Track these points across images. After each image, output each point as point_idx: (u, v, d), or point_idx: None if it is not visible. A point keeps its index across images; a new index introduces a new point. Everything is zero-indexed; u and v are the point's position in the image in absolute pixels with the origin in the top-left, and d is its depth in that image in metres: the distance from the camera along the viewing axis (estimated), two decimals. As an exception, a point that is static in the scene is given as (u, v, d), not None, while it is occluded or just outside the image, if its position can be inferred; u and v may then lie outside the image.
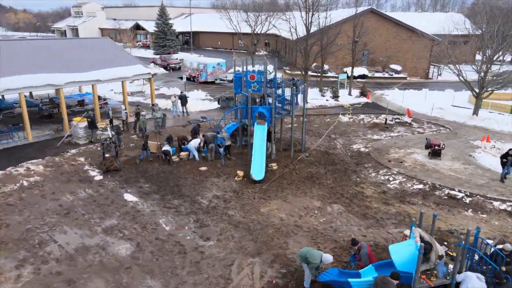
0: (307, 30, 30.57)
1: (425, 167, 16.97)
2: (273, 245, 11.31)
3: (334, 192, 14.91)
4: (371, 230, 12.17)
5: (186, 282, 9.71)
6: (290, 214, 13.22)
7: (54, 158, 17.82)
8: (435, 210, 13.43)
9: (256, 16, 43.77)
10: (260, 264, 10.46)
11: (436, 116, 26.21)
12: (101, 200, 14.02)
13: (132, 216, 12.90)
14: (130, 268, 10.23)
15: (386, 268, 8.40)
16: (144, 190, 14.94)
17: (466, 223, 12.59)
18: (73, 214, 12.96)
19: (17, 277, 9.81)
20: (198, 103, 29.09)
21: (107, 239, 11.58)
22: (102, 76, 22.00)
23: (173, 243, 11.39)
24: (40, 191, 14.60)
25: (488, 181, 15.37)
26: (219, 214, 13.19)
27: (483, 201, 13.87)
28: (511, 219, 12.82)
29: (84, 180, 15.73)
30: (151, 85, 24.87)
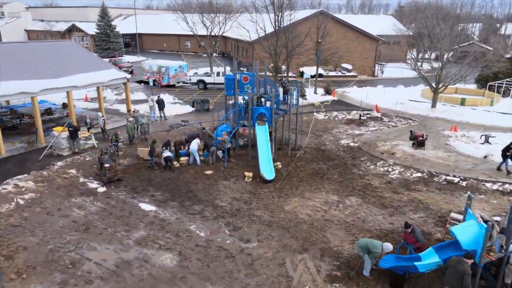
0: (276, 31, 31.15)
1: (415, 156, 18.45)
2: (314, 240, 11.65)
3: (344, 185, 15.64)
4: (395, 218, 13.04)
5: (249, 285, 9.67)
6: (315, 210, 13.64)
7: (42, 173, 16.35)
8: (439, 195, 14.75)
9: (212, 18, 43.60)
10: (310, 259, 10.74)
11: (401, 110, 28.38)
12: (117, 212, 13.25)
13: (159, 226, 12.40)
14: (185, 278, 9.91)
15: (445, 249, 9.18)
16: (158, 198, 14.39)
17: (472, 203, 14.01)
18: (93, 229, 12.11)
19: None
20: (170, 107, 28.28)
21: (144, 251, 11.04)
22: (78, 81, 20.56)
23: (216, 248, 11.20)
24: (43, 209, 13.38)
25: (473, 166, 17.20)
26: (246, 215, 13.19)
27: (477, 184, 15.52)
28: (505, 197, 14.53)
29: (87, 193, 14.70)
30: (127, 90, 23.75)
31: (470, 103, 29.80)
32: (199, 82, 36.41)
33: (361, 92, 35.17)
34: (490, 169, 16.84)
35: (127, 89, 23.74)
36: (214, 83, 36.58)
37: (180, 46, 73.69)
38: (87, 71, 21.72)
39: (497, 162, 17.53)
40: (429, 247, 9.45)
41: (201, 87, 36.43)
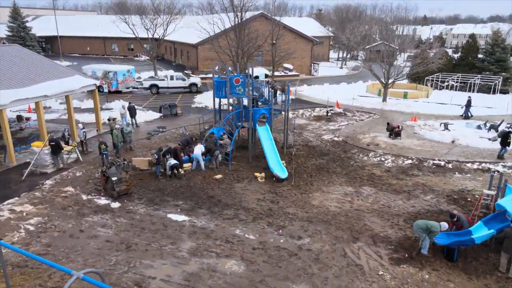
0: (238, 33, 31.23)
1: (397, 146, 20.31)
2: (358, 230, 12.35)
3: (352, 177, 16.66)
4: (413, 201, 14.38)
5: (328, 278, 9.99)
6: (340, 202, 14.38)
7: (34, 194, 14.51)
8: (435, 177, 16.59)
9: (152, 19, 41.98)
10: (366, 246, 11.42)
11: (357, 105, 30.68)
12: (149, 226, 12.45)
13: (203, 235, 11.99)
14: (264, 280, 9.85)
15: (492, 221, 10.56)
16: (183, 207, 13.82)
17: (464, 182, 16.06)
18: (136, 247, 11.27)
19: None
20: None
21: (204, 261, 10.65)
22: (48, 90, 18.46)
23: (274, 249, 11.27)
24: (62, 232, 11.99)
25: (448, 150, 19.56)
26: (281, 214, 13.40)
27: (459, 165, 17.75)
28: (487, 173, 16.87)
29: (101, 210, 13.50)
30: (96, 97, 21.97)
31: (411, 96, 33.40)
32: (152, 86, 34.90)
33: (313, 90, 37.11)
34: (463, 152, 19.34)
35: (96, 97, 21.94)
36: (168, 87, 35.40)
37: (106, 49, 69.19)
38: (52, 78, 19.62)
39: (463, 145, 20.20)
40: (478, 221, 10.79)
41: (154, 91, 34.97)
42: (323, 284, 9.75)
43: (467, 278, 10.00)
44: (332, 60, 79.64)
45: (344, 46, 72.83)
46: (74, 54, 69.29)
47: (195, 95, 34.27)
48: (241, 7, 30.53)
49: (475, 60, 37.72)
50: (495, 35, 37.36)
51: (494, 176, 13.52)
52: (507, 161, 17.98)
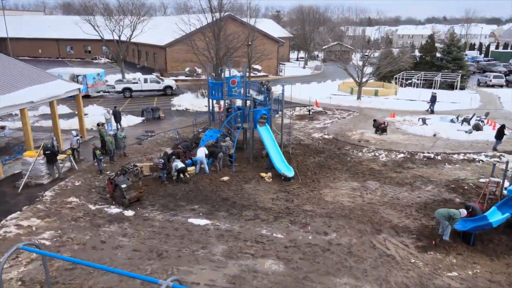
0: (216, 34, 30.92)
1: (386, 141, 21.32)
2: (378, 222, 12.90)
3: (354, 172, 17.30)
4: (418, 192, 15.24)
5: (366, 269, 10.37)
6: (351, 196, 14.90)
7: (36, 207, 13.57)
8: (429, 169, 17.66)
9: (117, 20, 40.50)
10: (390, 237, 11.98)
11: (335, 103, 31.68)
12: (173, 232, 12.15)
13: (232, 237, 11.93)
14: (308, 277, 10.01)
15: (505, 206, 11.52)
16: (200, 211, 13.63)
17: (455, 172, 17.26)
18: (167, 254, 10.96)
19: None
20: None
21: (241, 262, 10.61)
22: (33, 96, 17.30)
23: (306, 246, 11.48)
24: (82, 245, 11.38)
25: (433, 143, 20.87)
26: (299, 212, 13.65)
27: (447, 156, 19.02)
28: (473, 163, 18.25)
29: (116, 219, 12.95)
30: (79, 103, 20.89)
31: (382, 93, 35.09)
32: (125, 90, 33.67)
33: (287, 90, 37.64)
34: (446, 144, 20.74)
35: (80, 102, 20.86)
36: (142, 90, 34.35)
37: (60, 51, 65.54)
38: (34, 83, 18.41)
39: (445, 138, 21.68)
40: (492, 207, 11.74)
41: (128, 95, 33.76)
42: (364, 276, 10.13)
43: (489, 259, 10.85)
44: (292, 61, 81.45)
45: (305, 47, 75.03)
46: (24, 57, 64.80)
47: (172, 97, 33.57)
48: (219, 8, 30.32)
49: (434, 59, 40.39)
50: (451, 36, 40.35)
51: (494, 165, 14.63)
52: (488, 151, 19.55)
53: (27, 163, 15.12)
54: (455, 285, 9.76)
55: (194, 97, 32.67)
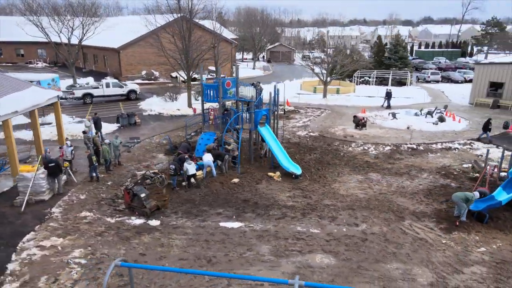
0: (188, 35, 30.13)
1: (368, 135, 22.68)
2: (397, 209, 13.83)
3: (353, 166, 18.23)
4: (417, 180, 16.53)
5: (409, 253, 11.15)
6: (361, 189, 15.75)
7: (50, 225, 12.45)
8: (417, 158, 19.22)
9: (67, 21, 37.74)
10: (415, 222, 12.94)
11: (304, 102, 32.78)
12: (210, 237, 11.94)
13: (271, 237, 12.04)
14: (361, 266, 10.53)
15: (508, 186, 13.06)
16: (226, 214, 13.52)
17: (439, 160, 18.98)
18: (218, 260, 10.80)
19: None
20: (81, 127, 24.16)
21: (293, 260, 10.80)
22: (17, 105, 15.71)
23: (345, 238, 11.99)
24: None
25: (410, 135, 22.64)
26: (322, 207, 14.14)
27: (427, 146, 20.80)
28: (451, 151, 20.19)
29: (144, 230, 12.37)
30: (58, 111, 19.35)
31: (343, 91, 37.00)
32: (86, 95, 31.56)
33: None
34: (422, 135, 22.65)
35: (58, 110, 19.30)
36: (104, 96, 32.47)
37: None
38: (11, 91, 16.73)
39: (418, 130, 23.64)
40: (498, 187, 13.24)
41: (88, 101, 31.69)
42: (409, 260, 10.90)
43: (503, 233, 12.26)
44: (238, 62, 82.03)
45: (252, 48, 75.96)
46: None
47: (138, 102, 32.23)
48: (189, 9, 29.69)
49: (383, 58, 43.52)
50: (397, 37, 43.85)
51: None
52: (461, 139, 21.75)
53: (26, 178, 13.75)
54: (487, 259, 10.93)
55: (162, 101, 31.71)
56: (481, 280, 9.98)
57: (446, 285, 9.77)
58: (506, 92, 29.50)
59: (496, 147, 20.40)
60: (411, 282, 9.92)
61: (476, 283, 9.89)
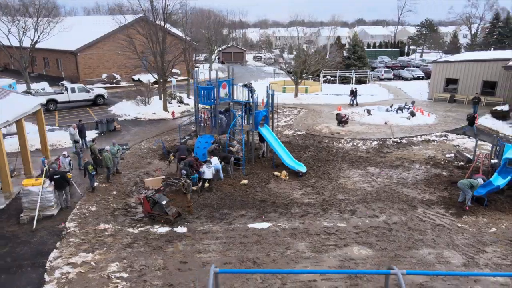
0: (163, 37, 29.19)
1: (353, 131, 23.72)
2: (406, 199, 14.75)
3: (349, 161, 19.03)
4: (413, 171, 17.68)
5: (434, 239, 11.99)
6: (366, 182, 16.55)
7: (71, 240, 11.64)
8: (404, 151, 20.52)
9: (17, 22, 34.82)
10: (427, 210, 13.92)
11: (279, 102, 33.22)
12: (244, 240, 11.92)
13: (303, 233, 12.31)
14: (397, 254, 11.16)
15: (503, 172, 14.47)
16: (251, 215, 13.55)
17: (423, 151, 20.43)
18: (260, 260, 10.84)
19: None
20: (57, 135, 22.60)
21: (333, 254, 11.17)
22: (5, 114, 14.42)
23: (373, 228, 12.58)
24: (166, 269, 10.41)
25: (391, 130, 24.05)
26: (337, 201, 14.68)
27: (409, 140, 22.26)
28: (430, 143, 21.78)
29: (174, 238, 12.04)
30: (42, 120, 17.95)
31: (311, 90, 38.16)
32: (50, 102, 29.40)
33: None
34: (401, 130, 24.15)
35: (42, 119, 17.89)
36: (69, 101, 30.49)
37: None
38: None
39: (395, 125, 25.17)
40: (494, 174, 14.63)
41: (52, 107, 29.57)
42: (436, 244, 11.75)
43: (505, 214, 13.62)
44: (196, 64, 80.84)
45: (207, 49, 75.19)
46: None
47: (109, 107, 30.71)
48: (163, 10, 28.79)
49: (343, 58, 45.48)
50: (355, 37, 46.04)
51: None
52: (436, 131, 23.55)
53: (32, 193, 12.68)
54: (500, 238, 12.13)
55: (134, 105, 30.48)
56: (504, 257, 11.08)
57: (477, 264, 10.72)
58: (461, 88, 32.38)
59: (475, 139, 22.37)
60: (447, 264, 10.74)
61: (500, 260, 10.96)
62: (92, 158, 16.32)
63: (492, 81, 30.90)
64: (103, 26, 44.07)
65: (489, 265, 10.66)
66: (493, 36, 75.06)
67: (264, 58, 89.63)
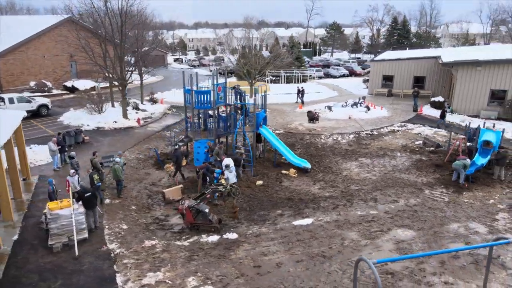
0: (120, 39, 27.03)
1: (326, 127, 25.18)
2: (410, 184, 16.46)
3: (340, 155, 20.37)
4: (398, 158, 19.64)
5: (455, 214, 13.73)
6: (367, 172, 17.99)
7: (125, 262, 10.67)
8: (379, 141, 22.55)
9: None
10: (432, 191, 15.74)
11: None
12: (301, 237, 12.23)
13: (348, 224, 13.04)
14: (436, 231, 12.55)
15: (483, 153, 17.00)
16: (288, 213, 13.91)
17: (395, 141, 22.73)
18: (327, 253, 11.31)
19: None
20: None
21: (386, 238, 12.15)
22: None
23: (401, 212, 13.87)
24: (246, 275, 10.27)
25: (357, 123, 26.08)
26: (356, 192, 15.77)
27: (378, 131, 24.47)
28: (396, 133, 24.25)
29: (229, 244, 11.84)
30: (21, 135, 15.74)
31: (261, 91, 38.96)
32: (-14, 115, 25.34)
33: (172, 95, 36.90)
34: (366, 123, 26.34)
35: (21, 135, 15.64)
36: (8, 114, 26.64)
37: None
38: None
39: (358, 119, 27.39)
40: (476, 155, 17.10)
41: (-11, 122, 25.58)
42: (458, 218, 13.47)
43: (490, 187, 16.11)
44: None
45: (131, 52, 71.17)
46: None
47: (57, 117, 27.65)
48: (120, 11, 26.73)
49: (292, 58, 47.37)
50: (291, 38, 48.19)
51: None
52: (396, 122, 26.21)
53: (62, 217, 11.25)
54: (501, 206, 14.34)
55: (87, 114, 27.94)
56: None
57: (499, 231, 12.65)
58: (396, 83, 36.39)
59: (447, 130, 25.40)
60: (478, 234, 12.45)
61: (511, 224, 13.09)
62: (97, 172, 14.89)
63: (421, 76, 35.37)
64: (31, 27, 39.46)
65: (508, 230, 12.68)
66: (393, 37, 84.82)
67: (188, 61, 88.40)
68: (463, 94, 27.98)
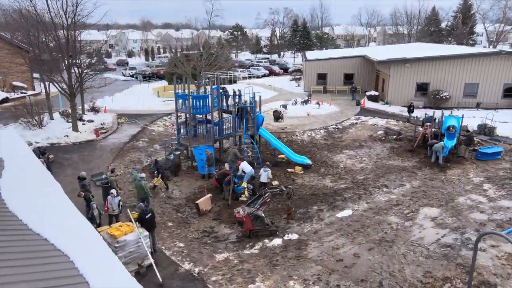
0: (71, 42, 23.59)
1: (294, 125, 26.20)
2: (401, 169, 18.48)
3: (325, 149, 21.64)
4: (377, 149, 21.67)
5: (454, 187, 15.98)
6: (359, 162, 19.60)
7: (216, 280, 10.03)
8: (351, 133, 24.46)
9: None
10: (422, 173, 17.96)
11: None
12: (353, 228, 12.99)
13: (383, 211, 14.22)
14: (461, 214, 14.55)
15: (450, 137, 19.87)
16: (324, 208, 14.54)
17: (361, 132, 24.94)
18: (389, 237, 12.28)
19: None
20: None
21: (422, 218, 13.64)
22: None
23: (416, 194, 15.61)
24: (345, 273, 10.60)
25: (320, 119, 27.72)
26: (365, 181, 17.10)
27: (341, 125, 26.42)
28: (356, 126, 26.53)
29: (296, 244, 12.02)
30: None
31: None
32: None
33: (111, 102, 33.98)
34: (326, 118, 28.15)
35: None
36: None
37: None
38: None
39: (315, 115, 29.15)
40: (445, 138, 19.90)
41: None
42: (459, 193, 15.68)
43: (462, 164, 19.01)
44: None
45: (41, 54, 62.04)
46: None
47: None
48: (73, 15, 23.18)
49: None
50: (219, 39, 48.07)
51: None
52: (351, 116, 28.59)
53: (129, 243, 10.00)
54: (483, 179, 17.08)
55: (24, 129, 24.05)
56: (498, 189, 15.99)
57: (495, 199, 15.20)
58: (329, 80, 39.50)
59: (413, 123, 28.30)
60: (481, 203, 14.78)
61: (498, 191, 15.79)
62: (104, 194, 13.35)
63: (351, 73, 39.09)
64: None
65: (500, 196, 15.32)
66: (296, 38, 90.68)
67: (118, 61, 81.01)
68: (395, 88, 31.94)
